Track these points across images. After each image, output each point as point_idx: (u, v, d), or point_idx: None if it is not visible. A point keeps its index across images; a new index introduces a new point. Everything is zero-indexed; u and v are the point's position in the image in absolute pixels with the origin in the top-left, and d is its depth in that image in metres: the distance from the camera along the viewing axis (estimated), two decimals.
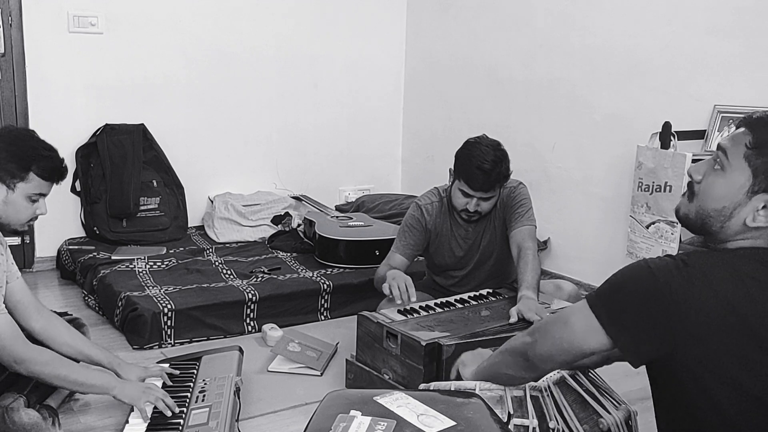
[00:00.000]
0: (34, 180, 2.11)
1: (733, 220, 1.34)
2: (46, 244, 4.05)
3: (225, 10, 4.34)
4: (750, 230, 1.34)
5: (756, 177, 1.31)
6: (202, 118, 4.38)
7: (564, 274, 3.93)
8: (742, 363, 1.27)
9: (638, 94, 3.53)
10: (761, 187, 1.31)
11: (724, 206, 1.34)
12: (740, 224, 1.34)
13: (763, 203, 1.31)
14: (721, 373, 1.28)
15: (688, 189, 1.43)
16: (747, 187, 1.32)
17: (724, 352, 1.27)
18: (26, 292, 2.26)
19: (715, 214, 1.36)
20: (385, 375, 2.46)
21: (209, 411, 2.17)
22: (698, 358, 1.28)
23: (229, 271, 3.61)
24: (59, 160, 2.18)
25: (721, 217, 1.35)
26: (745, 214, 1.33)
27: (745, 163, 1.32)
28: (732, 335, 1.26)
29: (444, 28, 4.65)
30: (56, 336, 2.26)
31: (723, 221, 1.35)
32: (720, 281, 1.28)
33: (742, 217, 1.33)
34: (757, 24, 3.04)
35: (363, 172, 5.00)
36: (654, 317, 1.29)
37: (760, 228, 1.33)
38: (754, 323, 1.26)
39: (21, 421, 2.11)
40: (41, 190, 2.14)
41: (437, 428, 1.30)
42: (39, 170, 2.11)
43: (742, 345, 1.26)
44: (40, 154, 2.12)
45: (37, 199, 2.15)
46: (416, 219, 2.92)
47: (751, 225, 1.33)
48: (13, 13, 3.79)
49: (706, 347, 1.27)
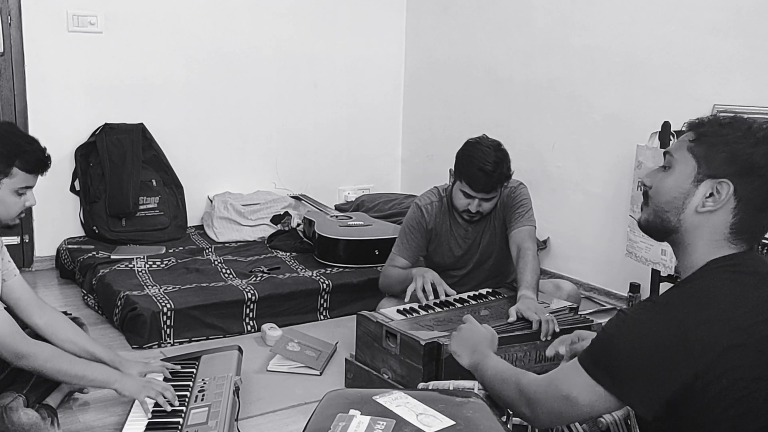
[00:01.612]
0: (19, 174, 2.09)
1: (686, 211, 1.37)
2: (46, 244, 4.05)
3: (225, 10, 4.34)
4: (704, 223, 1.36)
5: (699, 165, 1.36)
6: (202, 117, 4.38)
7: (563, 273, 3.93)
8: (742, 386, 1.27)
9: (638, 93, 3.52)
10: (705, 173, 1.35)
11: (675, 197, 1.38)
12: (693, 213, 1.36)
13: (710, 189, 1.34)
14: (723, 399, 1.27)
15: (644, 197, 1.47)
16: (693, 176, 1.36)
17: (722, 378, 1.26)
18: (26, 289, 2.26)
19: (669, 207, 1.39)
20: (385, 374, 2.46)
21: (208, 410, 2.17)
22: (702, 393, 1.27)
23: (229, 271, 3.61)
24: (41, 150, 2.16)
25: (675, 209, 1.38)
26: (695, 203, 1.36)
27: (689, 155, 1.37)
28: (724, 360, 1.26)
29: (444, 27, 4.64)
30: (59, 332, 2.27)
31: (677, 213, 1.38)
32: (700, 309, 1.28)
33: (693, 206, 1.36)
34: (756, 24, 3.04)
35: (363, 172, 5.00)
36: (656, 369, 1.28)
37: (711, 214, 1.35)
38: (742, 341, 1.26)
39: (20, 421, 2.11)
40: (27, 183, 2.13)
41: (436, 428, 1.30)
42: (22, 164, 2.09)
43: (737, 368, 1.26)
44: (23, 149, 2.10)
45: (24, 192, 2.13)
46: (417, 220, 2.91)
47: (701, 211, 1.35)
48: (13, 12, 3.79)
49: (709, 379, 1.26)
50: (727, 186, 1.33)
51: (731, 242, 1.36)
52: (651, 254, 3.06)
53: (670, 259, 2.97)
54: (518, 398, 1.48)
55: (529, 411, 1.46)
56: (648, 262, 3.08)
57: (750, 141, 1.33)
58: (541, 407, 1.43)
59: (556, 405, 1.40)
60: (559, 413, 1.41)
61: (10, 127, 2.20)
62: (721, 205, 1.34)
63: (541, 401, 1.43)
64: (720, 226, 1.35)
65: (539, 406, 1.43)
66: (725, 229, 1.35)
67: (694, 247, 1.38)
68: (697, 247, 1.38)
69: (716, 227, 1.36)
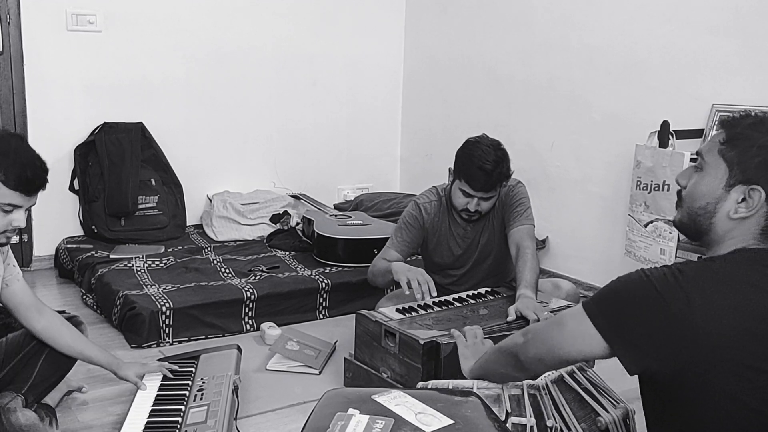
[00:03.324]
0: (2, 189, 1.92)
1: (718, 215, 1.37)
2: (44, 243, 4.05)
3: (224, 9, 4.34)
4: (737, 227, 1.36)
5: (731, 170, 1.35)
6: (201, 116, 4.38)
7: (562, 273, 3.93)
8: (741, 375, 1.26)
9: (637, 93, 3.53)
10: (737, 179, 1.34)
11: (708, 203, 1.38)
12: (725, 218, 1.36)
13: (742, 194, 1.34)
14: (720, 387, 1.27)
15: (677, 197, 1.48)
16: (724, 181, 1.36)
17: (723, 365, 1.26)
18: (27, 294, 2.25)
19: (702, 212, 1.39)
20: (384, 373, 2.46)
21: (207, 409, 2.17)
22: (696, 371, 1.28)
23: (228, 270, 3.61)
24: (32, 170, 1.97)
25: (707, 214, 1.38)
26: (727, 208, 1.36)
27: (720, 159, 1.36)
28: (730, 346, 1.25)
29: (443, 26, 4.64)
30: (57, 337, 2.26)
31: (710, 218, 1.38)
32: (715, 291, 1.28)
33: (725, 211, 1.36)
34: (755, 23, 3.04)
35: (362, 171, 5.00)
36: (652, 326, 1.28)
37: (743, 220, 1.35)
38: (754, 329, 1.26)
39: (18, 422, 2.11)
40: (11, 200, 1.95)
41: (435, 427, 1.30)
42: (4, 177, 1.92)
43: (741, 356, 1.26)
44: (9, 162, 1.92)
45: (10, 210, 1.96)
46: (414, 217, 2.92)
47: (733, 217, 1.35)
48: (12, 11, 3.78)
49: (704, 360, 1.26)
50: (759, 193, 1.33)
51: (761, 241, 1.36)
52: (650, 253, 3.07)
53: (669, 258, 2.97)
54: (517, 336, 1.53)
55: (522, 339, 1.50)
56: (647, 261, 3.08)
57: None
58: (535, 334, 1.48)
59: (550, 333, 1.43)
60: (547, 343, 1.43)
61: (9, 137, 2.02)
62: (754, 212, 1.34)
63: (538, 328, 1.49)
64: (752, 228, 1.35)
65: (534, 333, 1.48)
66: (757, 231, 1.35)
67: (725, 246, 1.38)
68: (728, 246, 1.38)
69: (748, 230, 1.36)
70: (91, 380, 2.65)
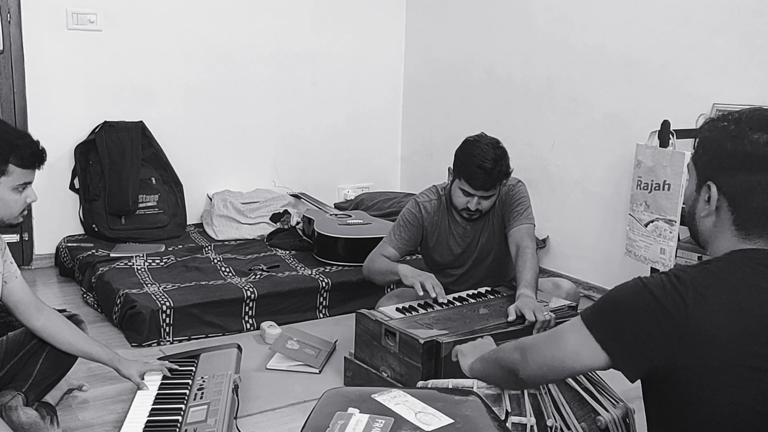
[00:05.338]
0: (16, 171, 2.05)
1: (696, 217, 1.42)
2: (45, 242, 4.05)
3: (224, 8, 4.34)
4: (714, 225, 1.38)
5: (698, 172, 1.40)
6: (201, 115, 4.38)
7: (563, 272, 3.93)
8: (741, 375, 1.26)
9: (637, 92, 3.53)
10: (701, 180, 1.39)
11: (689, 207, 1.44)
12: (700, 219, 1.41)
13: (707, 194, 1.37)
14: (720, 387, 1.27)
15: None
16: (695, 184, 1.41)
17: (722, 365, 1.26)
18: (26, 292, 2.25)
19: (689, 216, 1.46)
20: (384, 373, 2.46)
21: (207, 408, 2.17)
22: (696, 373, 1.28)
23: (228, 269, 3.61)
24: (34, 144, 2.10)
25: (690, 217, 1.45)
26: (698, 209, 1.40)
27: (692, 165, 1.42)
28: (729, 347, 1.25)
29: (443, 26, 4.64)
30: (57, 334, 2.26)
31: (692, 220, 1.44)
32: (713, 292, 1.28)
33: (699, 212, 1.40)
34: (755, 22, 3.04)
35: (362, 170, 5.00)
36: (651, 333, 1.28)
37: (716, 218, 1.37)
38: (753, 329, 1.26)
39: (19, 421, 2.11)
40: (25, 179, 2.08)
41: (435, 426, 1.30)
42: (17, 160, 2.04)
43: (740, 356, 1.26)
44: (16, 144, 2.04)
45: (23, 188, 2.09)
46: (413, 215, 2.92)
47: (702, 215, 1.39)
48: (12, 10, 3.78)
49: (703, 361, 1.26)
50: (712, 187, 1.35)
51: (745, 238, 1.35)
52: (650, 253, 3.07)
53: (669, 258, 2.98)
54: (513, 350, 1.53)
55: (520, 356, 1.49)
56: (647, 260, 3.08)
57: (722, 136, 1.34)
58: (533, 351, 1.47)
59: (548, 348, 1.43)
60: (546, 359, 1.43)
61: (3, 125, 2.14)
62: (713, 207, 1.36)
63: (536, 344, 1.48)
64: (726, 223, 1.36)
65: (531, 349, 1.47)
66: (731, 225, 1.36)
67: (715, 246, 1.40)
68: (717, 245, 1.39)
69: (723, 226, 1.37)
70: (92, 379, 2.65)
